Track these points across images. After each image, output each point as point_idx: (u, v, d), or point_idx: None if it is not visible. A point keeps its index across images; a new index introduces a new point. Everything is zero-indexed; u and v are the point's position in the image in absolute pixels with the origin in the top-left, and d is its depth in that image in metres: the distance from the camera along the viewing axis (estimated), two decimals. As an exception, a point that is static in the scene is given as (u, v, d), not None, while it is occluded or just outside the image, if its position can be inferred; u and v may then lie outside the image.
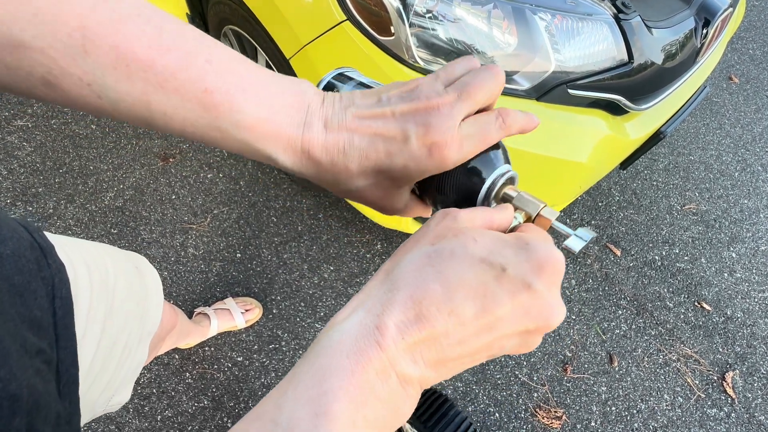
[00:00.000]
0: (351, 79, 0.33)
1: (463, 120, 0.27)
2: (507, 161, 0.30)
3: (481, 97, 0.27)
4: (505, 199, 0.29)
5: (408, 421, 0.40)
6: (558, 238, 1.64)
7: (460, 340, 0.21)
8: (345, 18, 0.87)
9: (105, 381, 0.47)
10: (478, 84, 0.27)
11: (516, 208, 0.28)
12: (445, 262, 0.21)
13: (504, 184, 0.29)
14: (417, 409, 0.38)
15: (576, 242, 0.26)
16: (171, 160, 1.49)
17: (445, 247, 0.22)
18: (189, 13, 1.29)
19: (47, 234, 0.43)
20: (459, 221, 0.24)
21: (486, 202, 0.29)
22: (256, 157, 0.28)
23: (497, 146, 0.29)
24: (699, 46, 1.03)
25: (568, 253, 1.51)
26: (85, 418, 0.46)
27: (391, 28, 0.83)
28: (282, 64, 1.04)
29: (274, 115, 0.26)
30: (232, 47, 1.32)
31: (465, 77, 0.27)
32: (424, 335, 0.20)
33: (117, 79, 0.23)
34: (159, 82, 0.24)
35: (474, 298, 0.20)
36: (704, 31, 1.02)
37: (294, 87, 0.28)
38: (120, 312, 0.49)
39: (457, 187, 0.29)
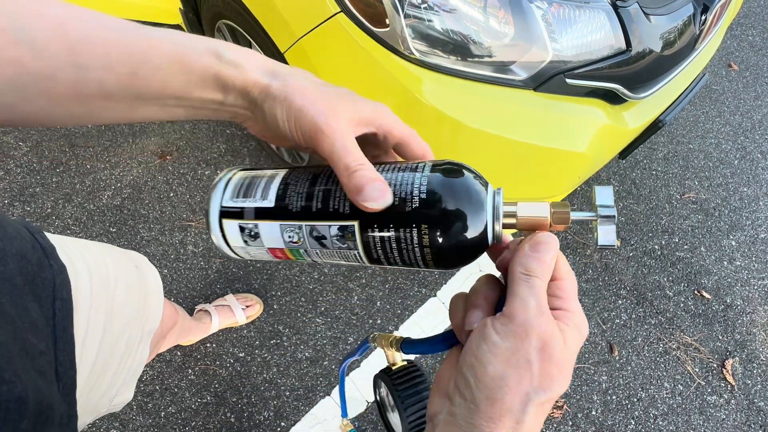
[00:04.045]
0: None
1: None
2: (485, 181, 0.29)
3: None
4: (508, 214, 0.28)
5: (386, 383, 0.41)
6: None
7: None
8: (339, 10, 0.86)
9: (107, 381, 0.47)
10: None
11: (523, 224, 0.28)
12: (551, 401, 0.25)
13: (498, 203, 0.28)
14: (398, 377, 0.40)
15: (605, 234, 0.26)
16: (168, 157, 1.48)
17: (556, 392, 0.25)
18: (182, 7, 1.28)
19: (48, 234, 0.43)
20: (569, 348, 0.25)
21: (495, 222, 0.28)
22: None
23: (461, 173, 0.28)
24: (698, 32, 1.02)
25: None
26: (88, 419, 0.47)
27: (386, 19, 0.82)
28: (277, 58, 1.03)
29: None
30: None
31: None
32: None
33: None
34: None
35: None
36: (703, 17, 1.01)
37: None
38: (121, 312, 0.49)
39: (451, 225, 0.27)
